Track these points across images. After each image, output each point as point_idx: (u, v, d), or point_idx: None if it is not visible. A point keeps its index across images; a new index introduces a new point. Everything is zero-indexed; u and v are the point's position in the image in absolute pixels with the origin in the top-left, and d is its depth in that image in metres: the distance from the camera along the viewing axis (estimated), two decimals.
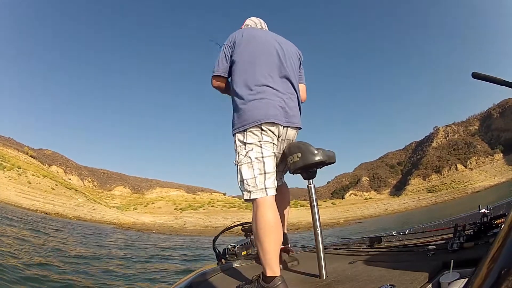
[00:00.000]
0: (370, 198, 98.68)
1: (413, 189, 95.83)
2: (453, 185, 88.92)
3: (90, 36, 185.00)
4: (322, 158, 1.96)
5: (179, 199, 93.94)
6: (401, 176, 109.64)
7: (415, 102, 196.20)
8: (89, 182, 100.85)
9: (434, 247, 1.97)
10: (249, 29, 2.34)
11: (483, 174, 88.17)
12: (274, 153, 2.05)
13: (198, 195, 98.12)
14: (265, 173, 1.94)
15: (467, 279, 1.20)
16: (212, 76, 2.27)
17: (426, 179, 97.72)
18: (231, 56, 2.19)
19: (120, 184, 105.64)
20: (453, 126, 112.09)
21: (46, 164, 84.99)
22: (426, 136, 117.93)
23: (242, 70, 2.11)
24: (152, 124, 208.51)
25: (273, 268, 1.74)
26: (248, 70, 2.09)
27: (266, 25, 2.58)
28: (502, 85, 1.42)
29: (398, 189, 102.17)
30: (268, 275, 1.74)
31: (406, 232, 2.72)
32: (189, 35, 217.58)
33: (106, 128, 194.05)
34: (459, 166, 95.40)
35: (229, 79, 2.28)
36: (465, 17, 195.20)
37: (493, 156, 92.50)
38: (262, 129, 1.96)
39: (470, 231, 1.88)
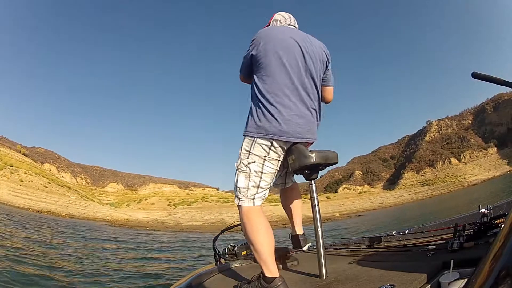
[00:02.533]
0: (365, 192, 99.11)
1: (407, 183, 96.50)
2: (447, 178, 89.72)
3: (78, 32, 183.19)
4: (314, 160, 1.92)
5: (172, 194, 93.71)
6: (394, 170, 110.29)
7: (408, 96, 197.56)
8: (82, 179, 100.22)
9: (434, 247, 1.98)
10: (274, 31, 2.16)
11: (477, 168, 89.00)
12: (277, 169, 2.04)
13: (191, 190, 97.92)
14: (258, 187, 1.95)
15: (467, 279, 1.18)
16: (239, 74, 2.32)
17: (420, 172, 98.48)
18: (251, 58, 2.08)
19: (113, 181, 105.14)
20: (446, 120, 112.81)
21: (38, 162, 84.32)
22: (419, 130, 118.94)
23: (262, 78, 2.02)
24: (144, 120, 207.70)
25: (270, 268, 1.76)
26: (267, 80, 2.00)
27: (295, 21, 2.40)
28: (502, 85, 1.43)
29: (391, 183, 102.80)
30: (267, 275, 1.75)
31: (406, 232, 2.73)
32: (182, 30, 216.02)
33: (98, 125, 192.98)
34: (453, 160, 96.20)
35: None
36: (460, 12, 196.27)
37: (487, 150, 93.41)
38: (272, 144, 1.93)
39: (470, 231, 1.89)
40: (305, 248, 2.19)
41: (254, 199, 1.93)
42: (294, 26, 2.36)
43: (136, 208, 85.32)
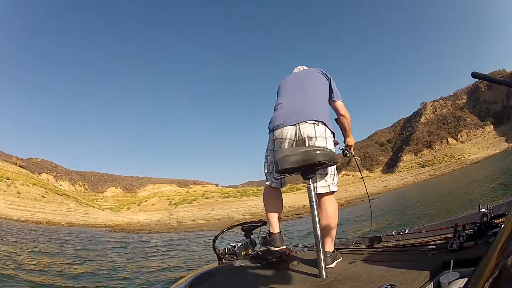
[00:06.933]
0: (365, 177, 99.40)
1: (406, 166, 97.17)
2: (446, 159, 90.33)
3: (73, 35, 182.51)
4: (282, 167, 2.00)
5: (172, 193, 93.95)
6: (391, 153, 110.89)
7: (400, 78, 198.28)
8: (81, 186, 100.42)
9: (434, 246, 1.97)
10: (288, 77, 2.93)
11: (475, 147, 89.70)
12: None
13: (191, 188, 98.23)
14: (269, 172, 2.60)
15: (467, 278, 1.17)
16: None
17: (418, 154, 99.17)
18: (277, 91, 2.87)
19: (111, 185, 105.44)
20: (440, 100, 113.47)
21: (35, 173, 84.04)
22: (414, 112, 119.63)
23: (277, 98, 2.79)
24: (136, 122, 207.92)
25: (273, 227, 2.43)
26: (277, 98, 2.77)
27: (306, 67, 3.08)
28: (502, 84, 1.42)
29: (390, 167, 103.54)
30: (270, 231, 2.42)
31: (406, 232, 2.75)
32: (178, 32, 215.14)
33: (92, 130, 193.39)
34: (450, 140, 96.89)
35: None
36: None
37: (483, 128, 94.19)
38: (274, 135, 2.50)
39: (470, 230, 1.87)
40: (332, 265, 2.18)
41: (270, 180, 2.60)
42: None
43: (137, 210, 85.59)
